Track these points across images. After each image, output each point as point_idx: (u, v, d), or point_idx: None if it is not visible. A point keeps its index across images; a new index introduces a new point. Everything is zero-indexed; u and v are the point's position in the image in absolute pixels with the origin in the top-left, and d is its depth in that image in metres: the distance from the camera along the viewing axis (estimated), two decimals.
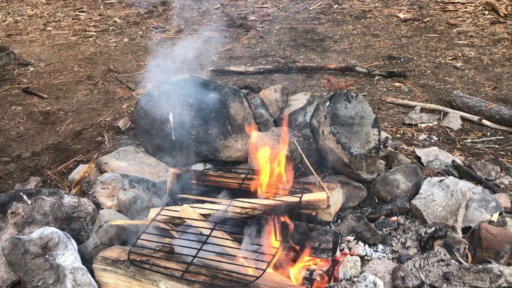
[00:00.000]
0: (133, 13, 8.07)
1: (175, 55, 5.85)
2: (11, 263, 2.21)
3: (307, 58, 5.68)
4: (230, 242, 2.31)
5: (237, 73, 5.26)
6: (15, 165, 3.74)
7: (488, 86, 4.64)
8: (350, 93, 3.04)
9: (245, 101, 3.41)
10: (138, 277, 2.19)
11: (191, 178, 2.85)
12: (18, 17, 8.13)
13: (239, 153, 3.27)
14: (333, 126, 2.89)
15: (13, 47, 6.49)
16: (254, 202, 2.50)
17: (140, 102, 3.46)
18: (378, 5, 7.55)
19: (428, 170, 3.13)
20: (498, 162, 3.37)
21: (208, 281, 2.07)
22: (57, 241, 2.32)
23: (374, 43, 6.02)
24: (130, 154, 3.38)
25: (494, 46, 5.63)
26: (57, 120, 4.47)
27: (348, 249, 2.55)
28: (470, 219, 2.64)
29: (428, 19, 6.67)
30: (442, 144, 3.68)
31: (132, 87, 5.09)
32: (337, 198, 2.69)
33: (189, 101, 3.29)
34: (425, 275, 2.28)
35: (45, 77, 5.54)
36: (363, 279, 2.27)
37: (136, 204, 2.76)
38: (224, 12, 7.76)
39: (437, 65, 5.19)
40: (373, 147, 2.88)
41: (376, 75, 5.00)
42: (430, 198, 2.69)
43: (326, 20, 7.09)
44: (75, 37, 7.01)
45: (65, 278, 2.23)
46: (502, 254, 2.32)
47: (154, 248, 2.34)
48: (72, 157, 3.79)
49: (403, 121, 4.05)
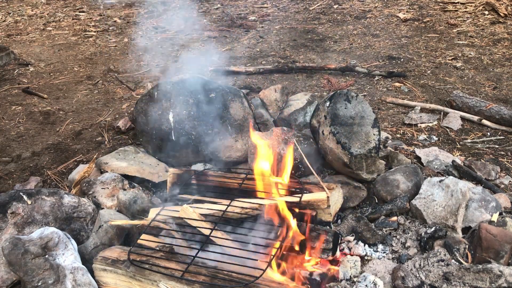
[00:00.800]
0: (133, 13, 8.07)
1: (175, 55, 5.86)
2: (11, 263, 2.21)
3: (307, 58, 5.68)
4: (230, 242, 2.31)
5: (237, 73, 5.26)
6: (15, 165, 3.74)
7: (488, 86, 4.64)
8: (350, 93, 3.04)
9: (245, 101, 3.41)
10: (138, 277, 2.19)
11: (191, 178, 2.85)
12: (18, 17, 8.13)
13: (239, 153, 3.27)
14: (333, 126, 2.89)
15: (13, 47, 6.49)
16: (254, 202, 2.50)
17: (140, 102, 3.47)
18: (378, 5, 7.55)
19: (428, 170, 3.13)
20: (498, 162, 3.37)
21: (208, 281, 2.08)
22: (57, 241, 2.32)
23: (374, 43, 6.02)
24: (130, 154, 3.38)
25: (494, 46, 5.63)
26: (57, 120, 4.47)
27: (348, 249, 2.55)
28: (470, 219, 2.64)
29: (428, 19, 6.67)
30: (442, 144, 3.68)
31: (132, 87, 5.09)
32: (337, 198, 2.69)
33: (189, 101, 3.30)
34: (425, 275, 2.28)
35: (45, 77, 5.54)
36: (363, 279, 2.27)
37: (136, 204, 2.76)
38: (224, 12, 7.76)
39: (437, 65, 5.19)
40: (373, 147, 2.88)
41: (376, 75, 5.00)
42: (430, 198, 2.69)
43: (326, 20, 7.09)
44: (75, 37, 7.01)
45: (65, 278, 2.23)
46: (502, 254, 2.32)
47: (154, 248, 2.34)
48: (72, 157, 3.79)
49: (403, 121, 4.05)
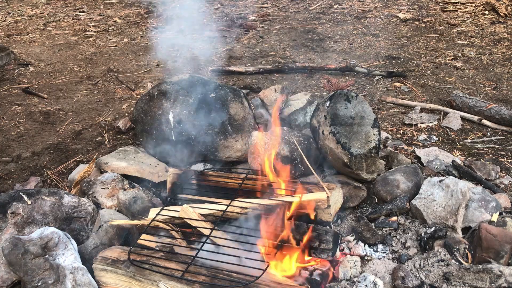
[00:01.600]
0: (133, 13, 8.07)
1: (175, 55, 5.85)
2: (11, 263, 2.21)
3: (307, 58, 5.68)
4: (230, 242, 2.31)
5: (237, 73, 5.26)
6: (15, 165, 3.74)
7: (488, 86, 4.64)
8: (350, 93, 3.04)
9: (245, 101, 3.41)
10: (138, 277, 2.19)
11: (191, 178, 2.85)
12: (18, 17, 8.13)
13: (239, 153, 3.27)
14: (333, 126, 2.88)
15: (13, 47, 6.49)
16: (254, 202, 2.50)
17: (140, 102, 3.47)
18: (378, 5, 7.55)
19: (428, 170, 3.13)
20: (498, 162, 3.37)
21: (208, 281, 2.08)
22: (57, 241, 2.32)
23: (374, 43, 6.02)
24: (130, 154, 3.38)
25: (494, 46, 5.63)
26: (57, 120, 4.47)
27: (348, 249, 2.56)
28: (470, 219, 2.64)
29: (428, 19, 6.67)
30: (442, 144, 3.68)
31: (132, 87, 5.09)
32: (337, 198, 2.69)
33: (189, 101, 3.30)
34: (425, 275, 2.28)
35: (45, 77, 5.54)
36: (363, 279, 2.27)
37: (136, 204, 2.76)
38: (224, 12, 7.76)
39: (437, 65, 5.19)
40: (373, 147, 2.88)
41: (376, 75, 5.00)
42: (430, 198, 2.69)
43: (326, 20, 7.09)
44: (75, 37, 7.01)
45: (65, 278, 2.23)
46: (502, 254, 2.32)
47: (154, 248, 2.34)
48: (72, 157, 3.79)
49: (403, 121, 4.05)
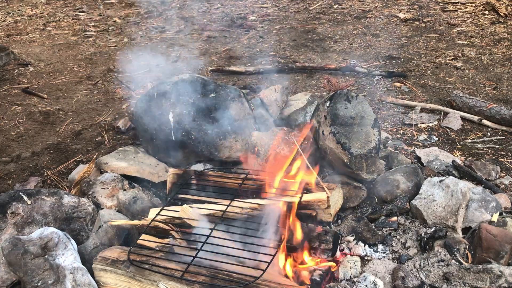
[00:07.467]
0: (133, 13, 8.07)
1: (175, 55, 5.85)
2: (11, 263, 2.21)
3: (307, 58, 5.68)
4: (230, 242, 2.31)
5: (237, 73, 5.26)
6: (15, 165, 3.74)
7: (488, 86, 4.64)
8: (350, 93, 3.04)
9: (245, 101, 3.41)
10: (138, 277, 2.19)
11: (191, 178, 2.85)
12: (18, 17, 8.12)
13: (239, 153, 3.27)
14: (333, 126, 2.88)
15: (13, 47, 6.49)
16: (254, 202, 2.50)
17: (140, 102, 3.46)
18: (378, 5, 7.54)
19: (428, 170, 3.13)
20: (498, 162, 3.37)
21: (208, 281, 2.07)
22: (57, 241, 2.32)
23: (374, 43, 6.02)
24: (130, 154, 3.38)
25: (494, 46, 5.62)
26: (57, 120, 4.46)
27: (348, 249, 2.55)
28: (470, 219, 2.64)
29: (428, 19, 6.67)
30: (442, 144, 3.68)
31: (132, 87, 5.09)
32: (337, 198, 2.69)
33: (189, 101, 3.29)
34: (425, 275, 2.28)
35: (45, 77, 5.54)
36: (363, 279, 2.27)
37: (136, 204, 2.76)
38: (224, 12, 7.76)
39: (437, 65, 5.18)
40: (373, 147, 2.87)
41: (376, 75, 5.00)
42: (430, 198, 2.69)
43: (326, 20, 7.09)
44: (75, 37, 7.01)
45: (65, 278, 2.23)
46: (502, 254, 2.32)
47: (154, 248, 2.34)
48: (72, 157, 3.78)
49: (403, 121, 4.05)
